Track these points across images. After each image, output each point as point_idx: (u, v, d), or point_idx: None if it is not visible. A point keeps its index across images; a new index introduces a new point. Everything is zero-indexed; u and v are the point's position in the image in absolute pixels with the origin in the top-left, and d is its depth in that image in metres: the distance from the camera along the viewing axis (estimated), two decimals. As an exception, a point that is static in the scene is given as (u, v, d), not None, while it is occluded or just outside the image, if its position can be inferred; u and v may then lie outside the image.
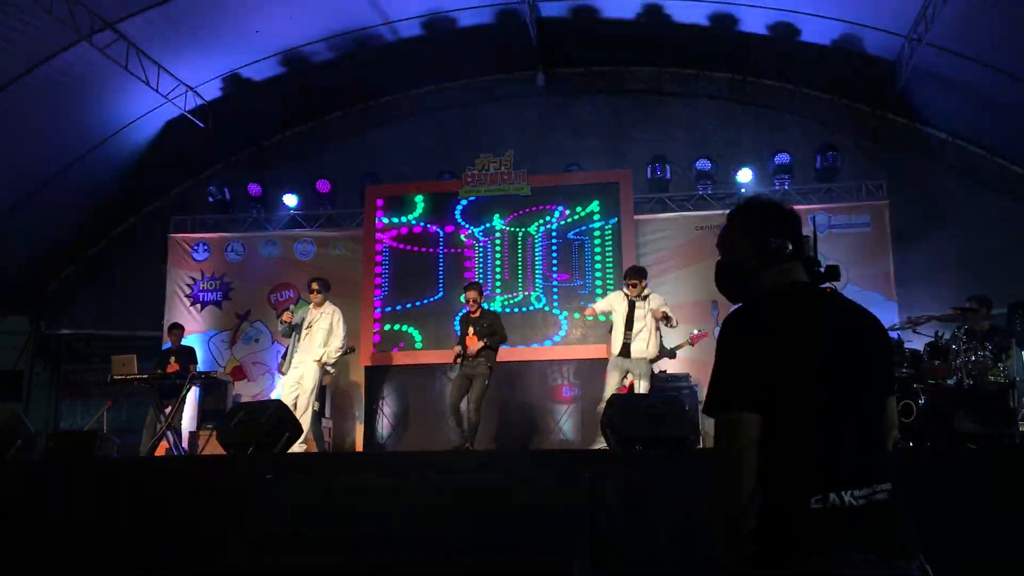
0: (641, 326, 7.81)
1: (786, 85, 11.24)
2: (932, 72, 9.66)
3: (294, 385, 7.98)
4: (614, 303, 8.06)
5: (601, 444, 6.52)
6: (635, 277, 7.97)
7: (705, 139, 11.28)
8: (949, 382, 7.49)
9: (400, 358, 10.41)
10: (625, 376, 7.86)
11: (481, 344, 7.97)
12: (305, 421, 7.96)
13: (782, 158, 10.43)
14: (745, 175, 10.55)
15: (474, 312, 8.21)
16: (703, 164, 10.66)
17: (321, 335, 8.07)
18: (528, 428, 9.89)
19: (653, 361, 7.96)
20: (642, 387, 7.72)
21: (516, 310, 10.36)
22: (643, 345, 7.80)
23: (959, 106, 10.13)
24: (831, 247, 9.62)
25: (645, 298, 7.95)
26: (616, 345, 7.92)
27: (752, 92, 11.36)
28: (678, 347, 8.49)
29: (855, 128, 11.02)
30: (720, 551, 2.01)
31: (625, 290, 8.04)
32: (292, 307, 8.45)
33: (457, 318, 8.96)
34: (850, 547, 1.87)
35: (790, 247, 2.21)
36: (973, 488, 4.43)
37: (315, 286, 8.22)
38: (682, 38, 10.63)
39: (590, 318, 8.31)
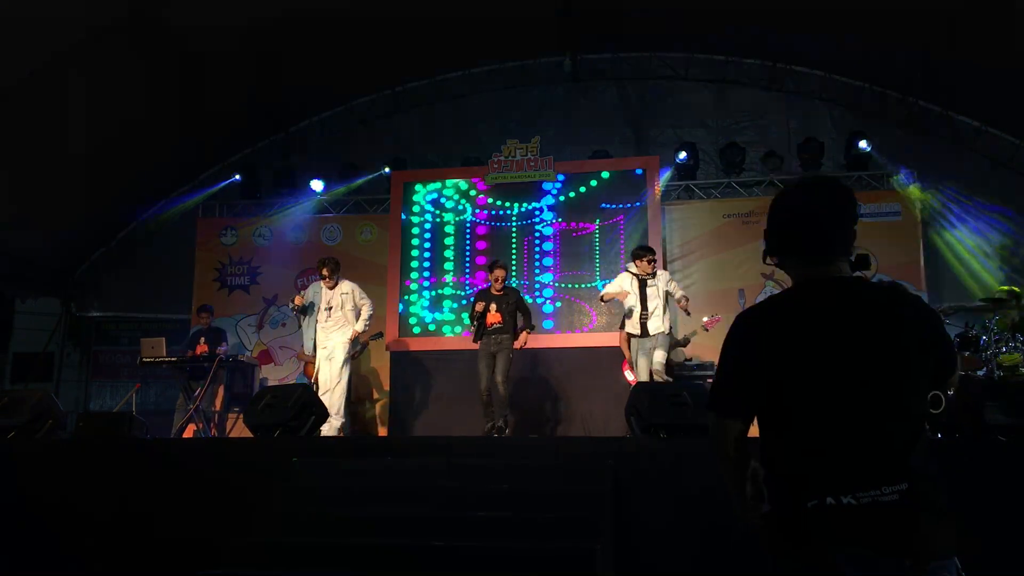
0: (655, 304, 7.89)
1: (817, 72, 11.10)
2: (965, 59, 9.50)
3: (327, 361, 8.15)
4: (624, 285, 8.08)
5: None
6: (648, 253, 8.01)
7: (734, 126, 11.21)
8: (979, 373, 7.41)
9: (425, 343, 10.45)
10: (649, 353, 7.90)
11: (499, 317, 8.12)
12: (339, 393, 8.07)
13: (812, 145, 10.32)
14: (774, 163, 10.44)
15: (498, 290, 8.30)
16: (731, 151, 10.57)
17: (350, 314, 8.25)
18: (553, 415, 9.89)
19: (670, 335, 8.02)
20: (657, 356, 7.75)
21: (539, 299, 10.38)
22: (658, 322, 7.90)
23: (992, 93, 9.95)
24: (861, 235, 9.47)
25: (654, 275, 8.00)
26: (635, 326, 7.94)
27: (782, 78, 11.23)
28: (690, 336, 8.60)
29: (886, 115, 10.86)
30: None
31: (633, 268, 8.08)
32: (301, 291, 8.51)
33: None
34: (844, 545, 1.86)
35: (800, 240, 2.14)
36: (1004, 481, 4.38)
37: (325, 272, 8.30)
38: (712, 24, 10.51)
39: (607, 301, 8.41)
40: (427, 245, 10.84)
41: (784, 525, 1.95)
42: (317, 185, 11.34)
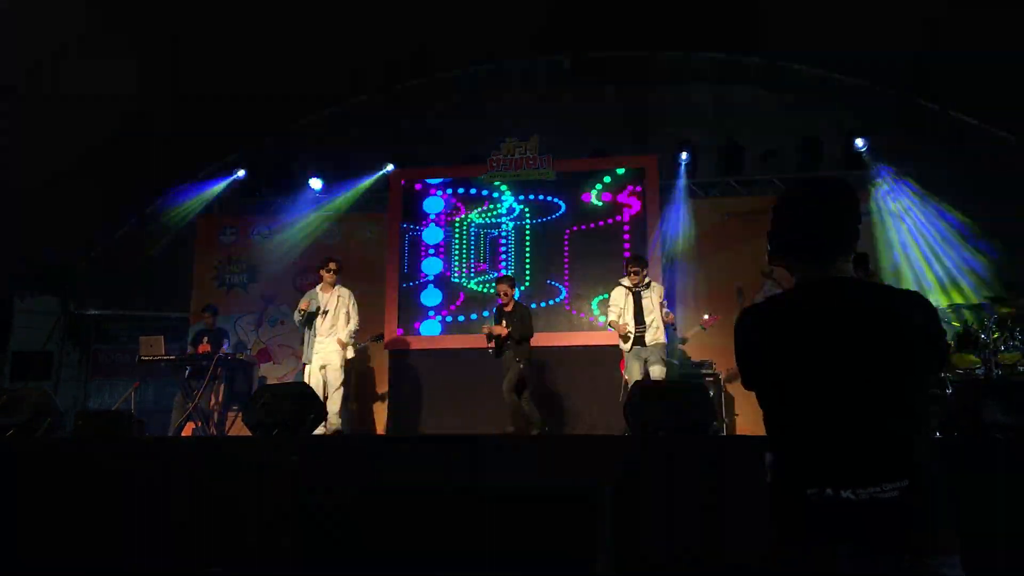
0: (652, 317, 7.88)
1: (817, 70, 11.09)
2: (965, 57, 9.49)
3: (320, 369, 8.15)
4: (619, 301, 8.10)
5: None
6: (637, 265, 8.04)
7: (733, 124, 11.18)
8: (978, 372, 7.42)
9: (424, 343, 10.45)
10: (645, 363, 7.89)
11: (507, 331, 8.09)
12: (336, 400, 8.10)
13: (811, 144, 10.31)
14: (773, 161, 10.43)
15: (507, 305, 8.32)
16: (731, 150, 10.57)
17: (343, 317, 8.29)
18: (553, 413, 9.88)
19: (667, 347, 8.02)
20: (656, 373, 7.76)
21: (544, 303, 10.37)
22: (654, 332, 7.90)
23: (992, 92, 9.94)
24: (861, 234, 9.50)
25: (648, 286, 8.00)
26: (627, 339, 7.96)
27: (782, 77, 11.21)
28: (688, 335, 8.65)
29: (886, 114, 10.85)
30: None
31: (625, 281, 8.09)
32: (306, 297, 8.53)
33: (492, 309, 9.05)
34: (842, 540, 1.88)
35: (803, 242, 2.17)
36: (1002, 480, 4.38)
37: (333, 266, 8.37)
38: (712, 22, 10.50)
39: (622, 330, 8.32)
40: (427, 246, 10.86)
41: (786, 516, 1.97)
42: (316, 183, 11.33)
